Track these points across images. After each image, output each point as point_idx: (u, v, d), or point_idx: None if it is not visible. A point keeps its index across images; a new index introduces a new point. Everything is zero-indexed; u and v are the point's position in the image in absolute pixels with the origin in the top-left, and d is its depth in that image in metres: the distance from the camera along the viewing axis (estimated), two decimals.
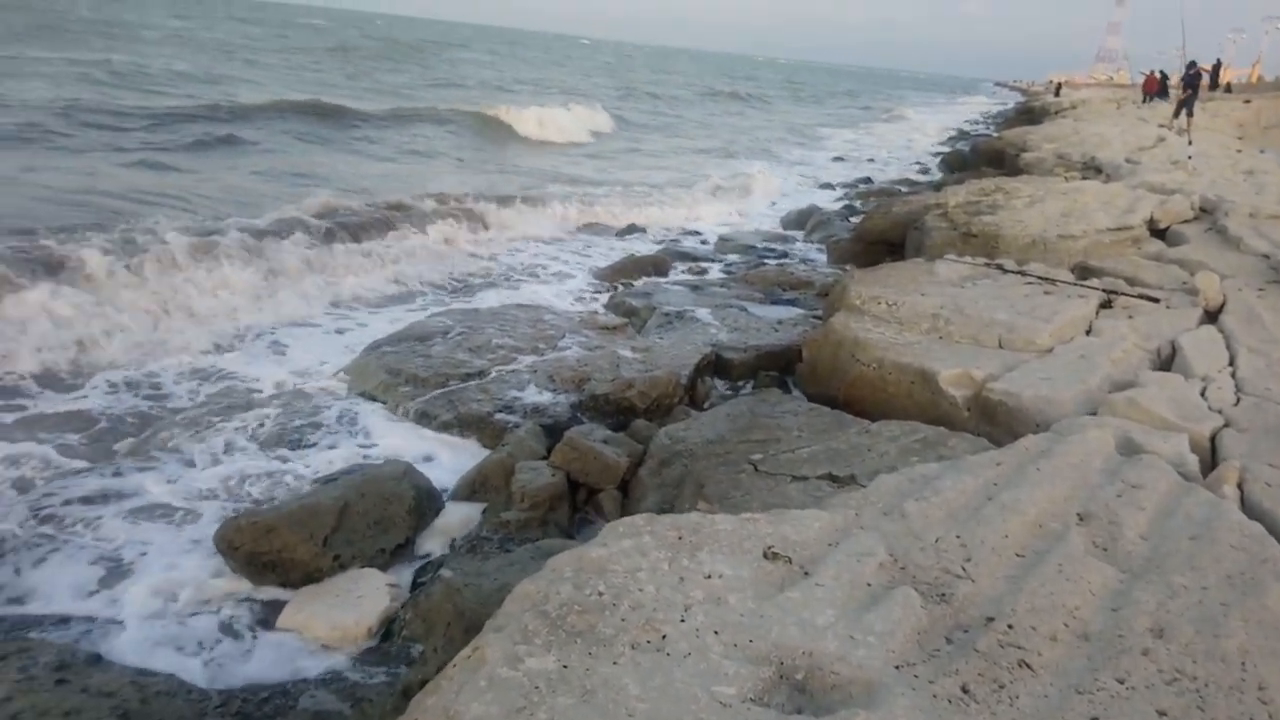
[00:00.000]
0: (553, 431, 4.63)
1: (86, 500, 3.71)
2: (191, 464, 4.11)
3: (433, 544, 3.67)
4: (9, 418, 4.52)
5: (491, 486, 4.10)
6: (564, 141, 20.75)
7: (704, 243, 10.56)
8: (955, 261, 5.79)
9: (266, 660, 2.83)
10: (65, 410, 4.70)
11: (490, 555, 3.38)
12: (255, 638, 2.93)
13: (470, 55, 55.05)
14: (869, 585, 2.03)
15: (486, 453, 4.69)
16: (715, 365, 5.55)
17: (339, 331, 6.67)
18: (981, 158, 16.72)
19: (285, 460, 4.30)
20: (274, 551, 3.18)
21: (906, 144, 28.62)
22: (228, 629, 2.96)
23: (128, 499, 3.77)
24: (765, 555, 2.12)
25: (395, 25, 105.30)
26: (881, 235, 8.50)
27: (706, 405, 4.98)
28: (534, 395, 5.22)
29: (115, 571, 3.24)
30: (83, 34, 31.87)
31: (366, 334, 6.43)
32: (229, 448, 4.35)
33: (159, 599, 3.09)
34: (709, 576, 2.02)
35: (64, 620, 2.95)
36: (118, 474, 3.96)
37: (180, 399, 5.05)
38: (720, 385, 5.38)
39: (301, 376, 5.54)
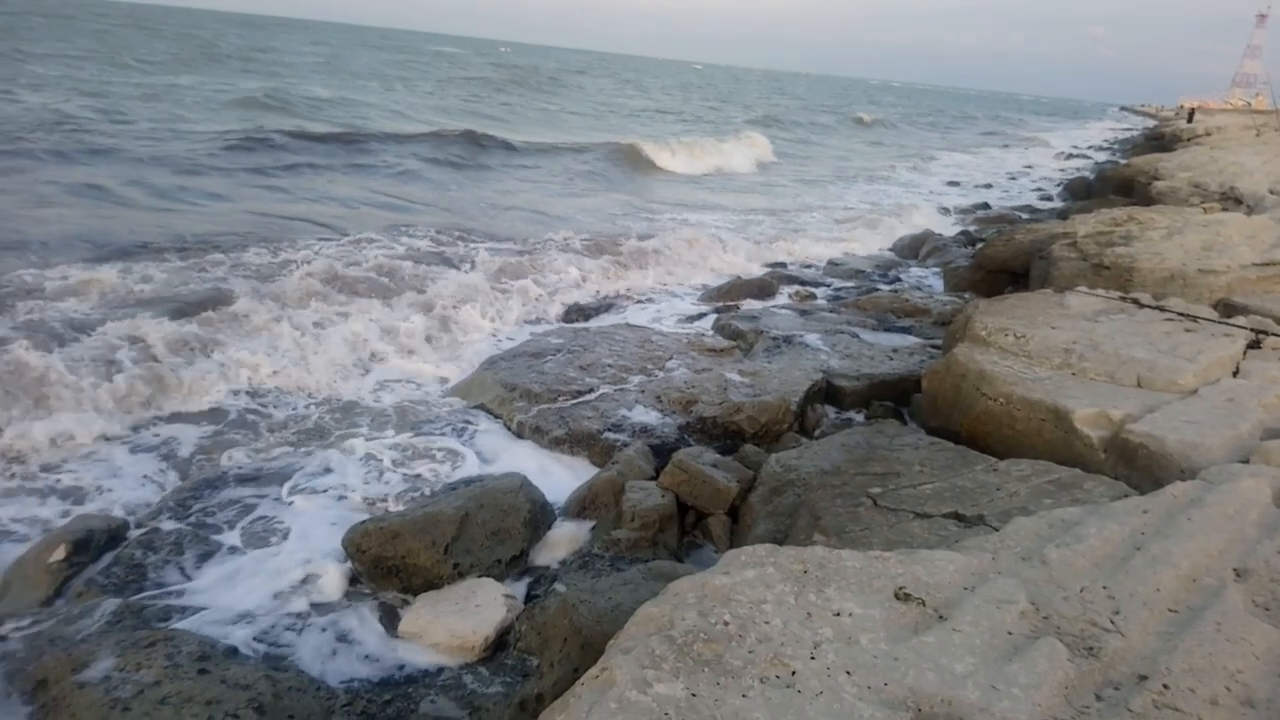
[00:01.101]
0: (660, 452, 4.64)
1: (232, 501, 3.93)
2: (327, 470, 4.30)
3: (546, 558, 3.72)
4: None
5: (601, 504, 4.13)
6: (734, 171, 20.82)
7: (806, 266, 10.41)
8: (1087, 294, 5.52)
9: (388, 663, 2.92)
10: (199, 410, 5.02)
11: (602, 573, 3.39)
12: (378, 640, 3.03)
13: (598, 83, 55.86)
14: (1010, 634, 1.94)
15: (595, 470, 4.75)
16: (826, 392, 5.45)
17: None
18: (1108, 185, 15.95)
19: (408, 468, 4.45)
20: (398, 557, 3.29)
21: (1025, 168, 27.62)
22: (353, 630, 3.07)
23: (266, 499, 3.97)
24: (897, 596, 2.05)
25: (519, 52, 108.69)
26: (1003, 264, 8.20)
27: (817, 433, 4.89)
28: (642, 415, 5.25)
29: (253, 568, 3.41)
30: (246, 63, 34.16)
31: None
32: (360, 454, 4.54)
33: (290, 597, 3.23)
34: (838, 614, 1.97)
35: (205, 612, 3.12)
36: (257, 477, 4.19)
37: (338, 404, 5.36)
38: (831, 413, 5.27)
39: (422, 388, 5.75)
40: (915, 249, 11.30)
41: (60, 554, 3.37)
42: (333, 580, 3.32)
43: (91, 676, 2.56)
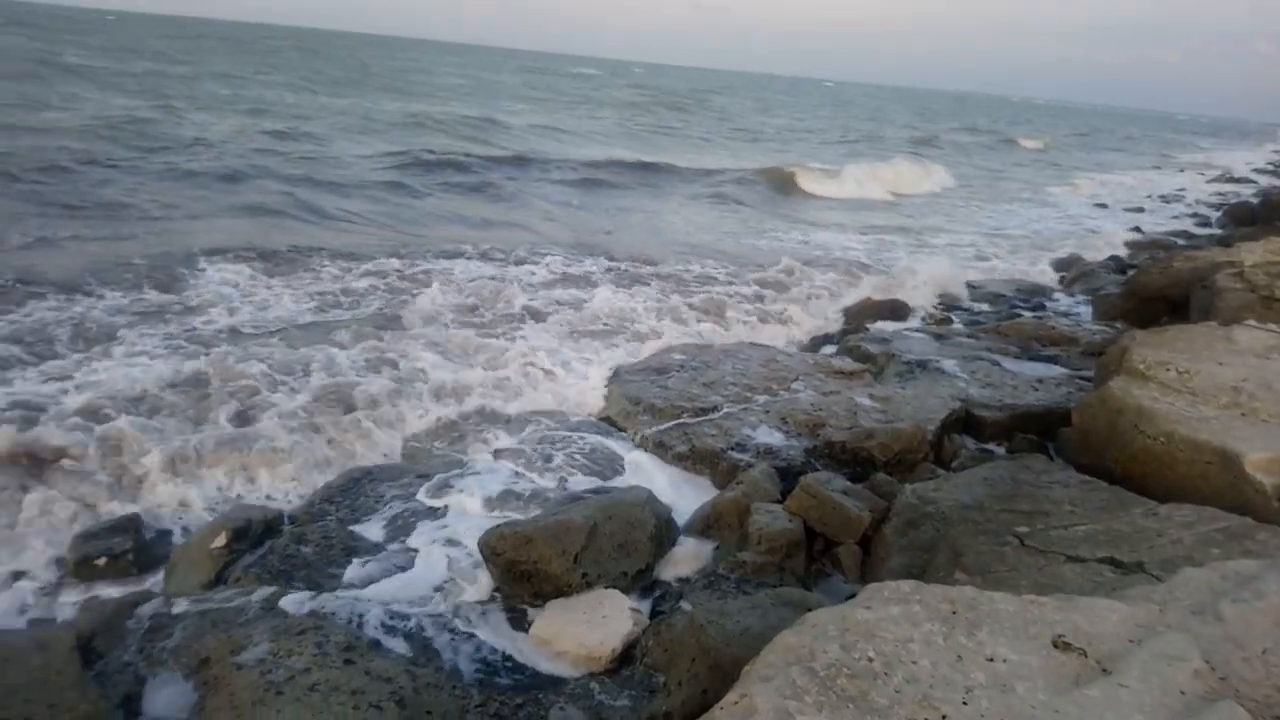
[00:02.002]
0: (786, 475, 4.56)
1: (378, 499, 4.14)
2: (466, 473, 4.46)
3: (670, 575, 3.72)
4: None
5: (725, 524, 4.10)
6: (917, 192, 20.49)
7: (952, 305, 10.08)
8: (1257, 328, 5.09)
9: (519, 667, 2.98)
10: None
11: (728, 594, 3.36)
12: (510, 643, 3.10)
13: (738, 103, 55.78)
14: (1183, 694, 1.79)
15: (716, 489, 4.72)
16: (965, 422, 5.24)
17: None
18: (1276, 211, 14.73)
19: (539, 475, 4.56)
20: (530, 562, 3.36)
21: (1178, 191, 25.86)
22: (486, 631, 3.16)
23: (408, 499, 4.16)
24: (1055, 644, 1.94)
25: (652, 73, 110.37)
26: (1159, 292, 7.68)
27: (955, 465, 4.69)
28: (766, 436, 5.18)
29: (394, 565, 3.57)
30: (400, 84, 36.16)
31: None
32: (496, 459, 4.69)
33: (428, 594, 3.36)
34: (991, 659, 1.87)
35: (350, 604, 3.27)
36: (401, 477, 4.39)
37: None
38: (970, 444, 5.06)
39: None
40: (1060, 273, 10.75)
41: (221, 540, 3.62)
42: (468, 581, 3.43)
43: (248, 659, 2.72)
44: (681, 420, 5.47)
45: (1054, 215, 18.88)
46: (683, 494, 4.66)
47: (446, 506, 4.11)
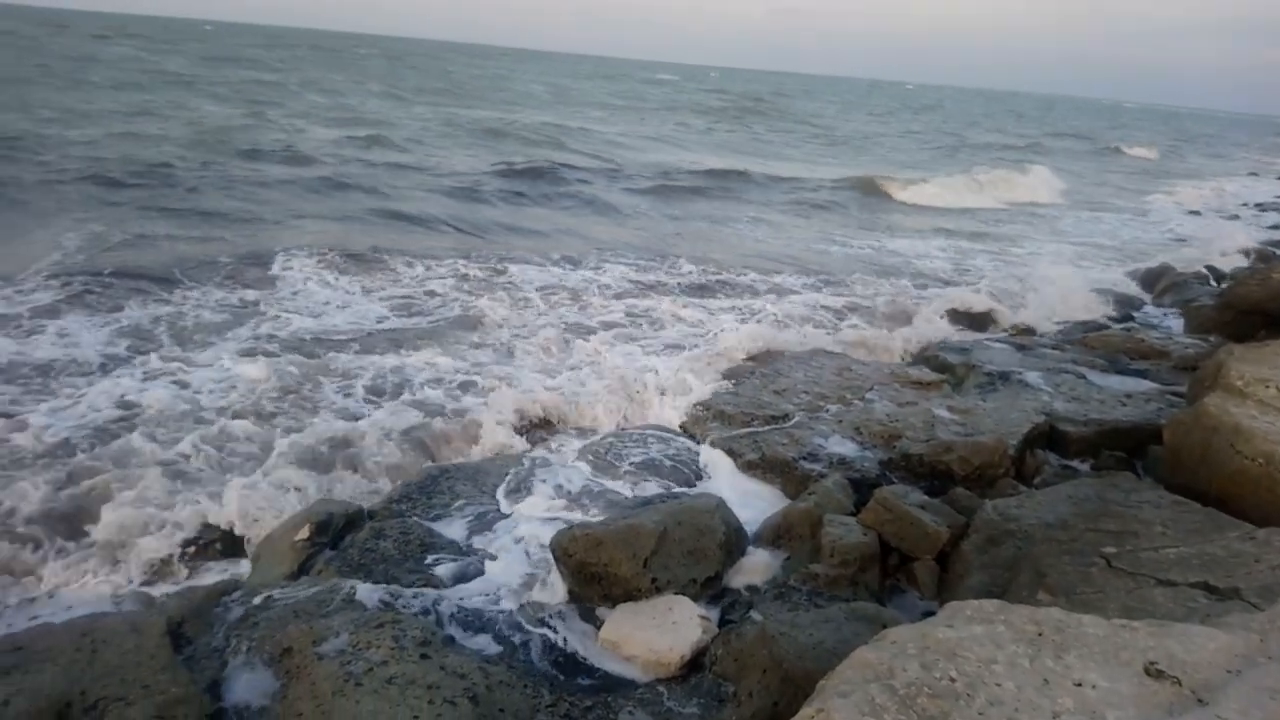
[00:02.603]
0: (859, 486, 4.49)
1: (455, 497, 4.23)
2: (539, 475, 4.52)
3: (739, 584, 3.69)
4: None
5: (796, 535, 4.05)
6: (1020, 201, 19.86)
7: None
8: None
9: (588, 668, 3.01)
10: None
11: (799, 606, 3.32)
12: (579, 645, 3.12)
13: (823, 107, 54.66)
14: None
15: (787, 498, 4.67)
16: (1048, 437, 5.07)
17: None
18: None
19: (610, 479, 4.59)
20: (600, 564, 3.37)
21: (1278, 199, 24.55)
22: (556, 631, 3.19)
23: (485, 499, 4.24)
24: (1147, 671, 1.86)
25: (730, 78, 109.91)
26: (1257, 305, 7.31)
27: (1037, 481, 4.54)
28: (839, 446, 5.11)
29: (468, 563, 3.64)
30: (481, 93, 36.85)
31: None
32: (569, 462, 4.74)
33: (500, 593, 3.42)
34: (1079, 684, 1.81)
35: (425, 600, 3.34)
36: (477, 476, 4.48)
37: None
38: (1053, 460, 4.89)
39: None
40: (1150, 284, 10.32)
41: (304, 533, 3.74)
42: (540, 580, 3.47)
43: (328, 650, 2.80)
44: (752, 428, 5.43)
45: (1146, 223, 18.14)
46: (752, 503, 4.62)
47: (520, 507, 4.17)
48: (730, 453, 5.08)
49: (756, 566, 3.83)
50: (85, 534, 3.90)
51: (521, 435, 5.41)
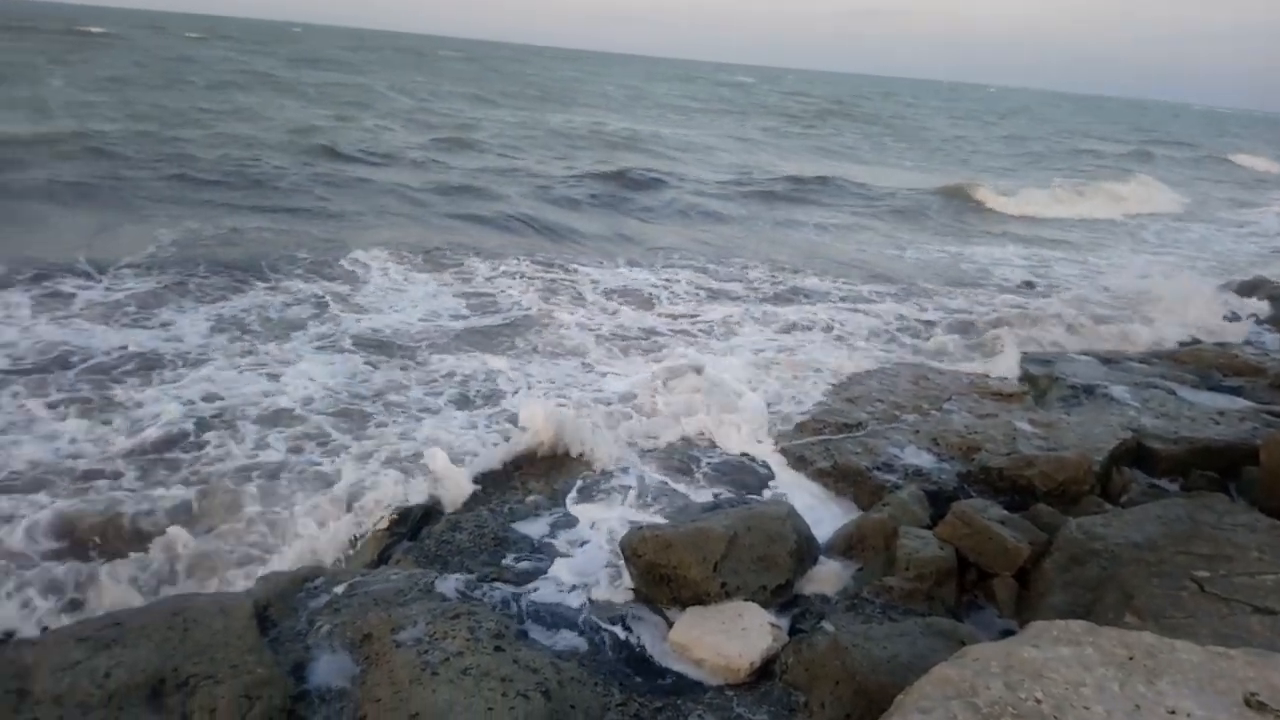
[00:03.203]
0: (936, 499, 4.40)
1: (529, 495, 4.30)
2: (611, 475, 4.56)
3: (810, 593, 3.66)
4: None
5: (869, 546, 3.99)
6: (1138, 213, 18.97)
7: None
8: None
9: (657, 670, 3.02)
10: None
11: (873, 619, 3.27)
12: (649, 645, 3.14)
13: (906, 109, 53.18)
14: None
15: (859, 508, 4.61)
16: (1135, 454, 4.88)
17: None
18: None
19: (680, 481, 4.60)
20: (670, 566, 3.38)
21: None
22: (626, 632, 3.21)
23: (557, 497, 4.30)
24: (1247, 702, 1.78)
25: (806, 80, 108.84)
26: None
27: (1124, 500, 4.38)
28: (915, 457, 5.02)
29: (540, 559, 3.69)
30: (559, 97, 37.12)
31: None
32: (641, 462, 4.78)
33: (572, 590, 3.46)
34: (1173, 712, 1.74)
35: (498, 593, 3.40)
36: (548, 474, 4.54)
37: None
38: (1141, 478, 4.71)
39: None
40: (1245, 296, 9.83)
41: (384, 523, 3.85)
42: (611, 579, 3.50)
43: (406, 638, 2.88)
44: (823, 435, 5.38)
45: (1251, 235, 17.27)
46: (822, 511, 4.58)
47: (591, 507, 4.21)
48: (801, 460, 5.04)
49: (828, 576, 3.78)
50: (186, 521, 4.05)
51: (592, 437, 5.45)
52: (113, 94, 20.98)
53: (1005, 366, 6.67)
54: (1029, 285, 10.85)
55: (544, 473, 4.62)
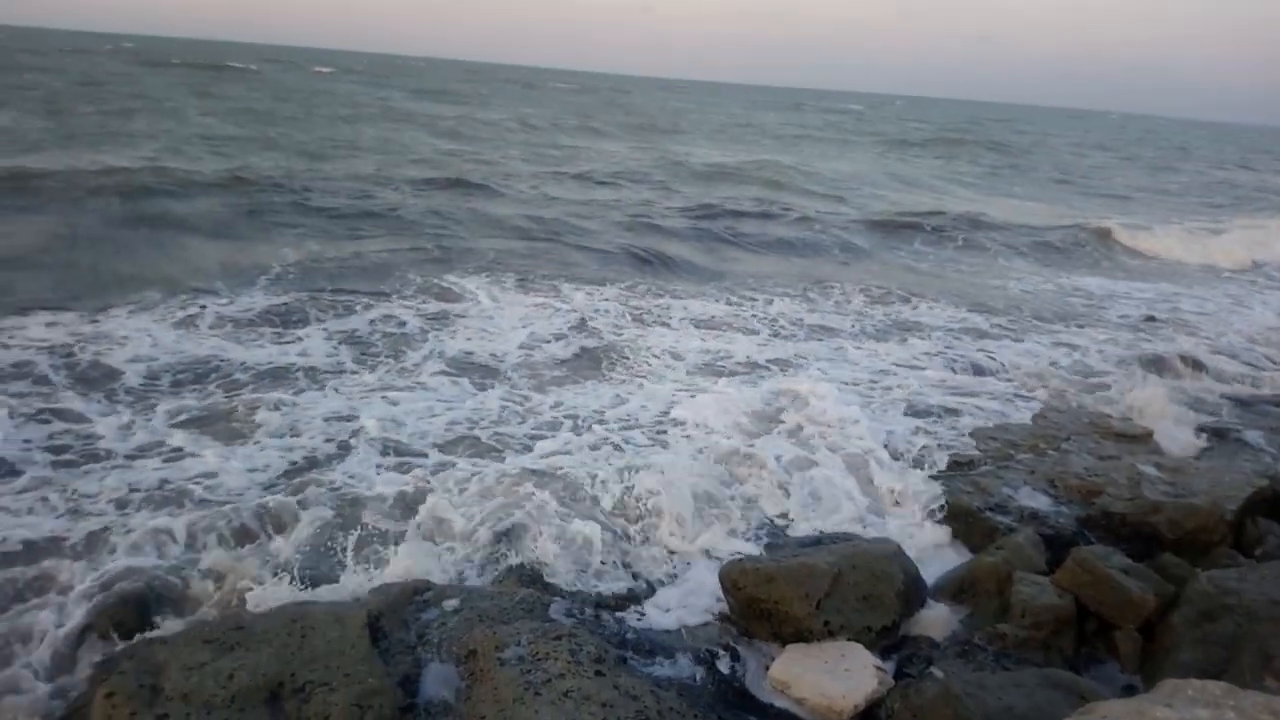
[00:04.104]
0: (1053, 544, 4.22)
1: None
2: (715, 503, 4.54)
3: (917, 636, 3.54)
4: None
5: (981, 591, 3.85)
6: None
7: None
8: None
9: (757, 706, 2.99)
10: None
11: (985, 667, 3.14)
12: (749, 680, 3.11)
13: (1029, 140, 49.74)
14: None
15: (969, 550, 4.45)
16: (1272, 504, 4.55)
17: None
18: None
19: (779, 514, 4.55)
20: (771, 601, 3.34)
21: None
22: (726, 664, 3.18)
23: None
24: None
25: (915, 107, 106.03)
26: None
27: (1259, 553, 4.09)
28: (1030, 498, 4.83)
29: (644, 584, 3.71)
30: (668, 128, 36.94)
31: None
32: (743, 486, 4.77)
33: (671, 618, 3.46)
34: None
35: (603, 616, 3.43)
36: None
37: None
38: (1278, 530, 4.38)
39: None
40: None
41: (486, 541, 3.93)
42: (711, 610, 3.48)
43: (509, 656, 2.93)
44: (933, 472, 5.22)
45: None
46: (929, 552, 4.44)
47: (691, 534, 4.20)
48: (907, 496, 4.90)
49: (936, 620, 3.66)
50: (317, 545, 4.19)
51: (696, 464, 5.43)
52: (251, 127, 22.37)
53: (1150, 410, 6.22)
54: (1151, 320, 10.26)
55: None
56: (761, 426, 5.79)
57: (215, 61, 57.02)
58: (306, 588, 3.56)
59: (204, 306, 7.66)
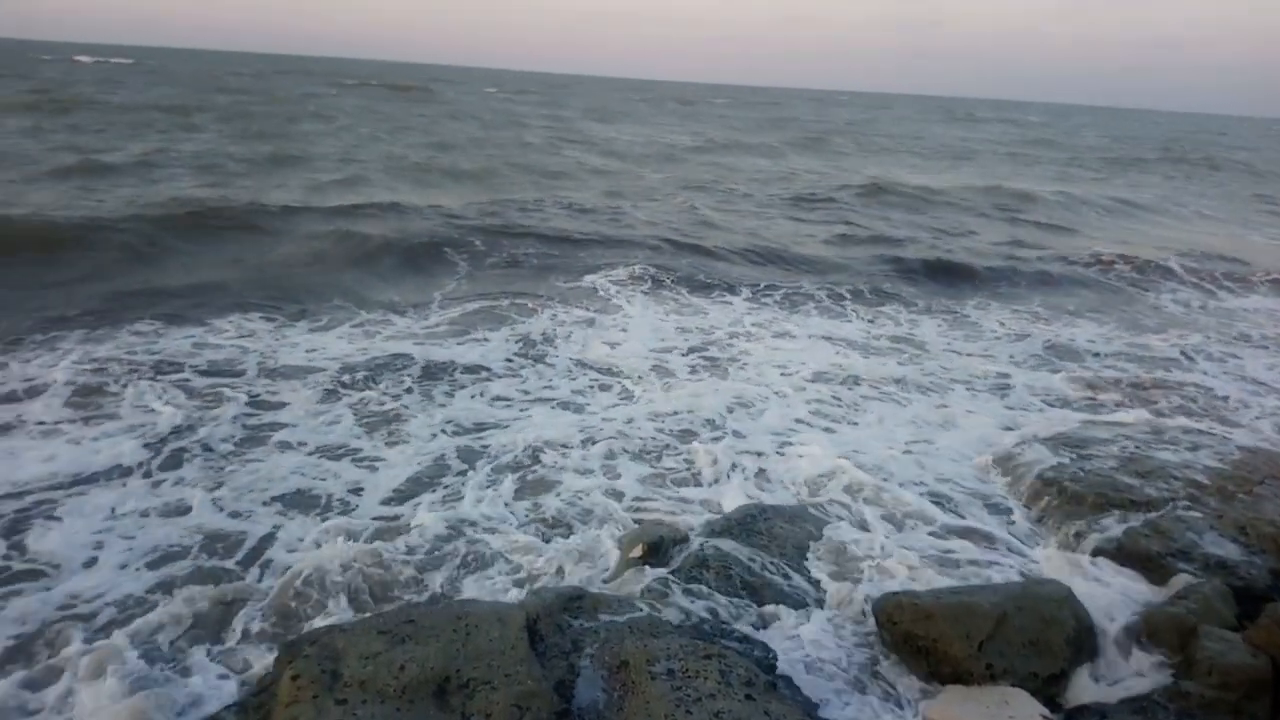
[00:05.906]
0: (1243, 597, 3.87)
1: (774, 536, 4.30)
2: (858, 524, 4.45)
3: (1087, 686, 3.32)
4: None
5: (1161, 644, 3.57)
6: None
7: None
8: None
9: None
10: None
11: None
12: (901, 717, 3.01)
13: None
14: None
15: (1143, 595, 4.13)
16: None
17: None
18: None
19: (933, 545, 4.39)
20: (929, 639, 3.23)
21: None
22: (878, 697, 3.10)
23: (806, 544, 4.27)
24: None
25: (1094, 117, 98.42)
26: None
27: None
28: (1217, 546, 4.44)
29: (792, 606, 3.67)
30: (823, 145, 35.58)
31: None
32: (886, 516, 4.61)
33: (819, 646, 3.39)
34: None
35: (743, 636, 3.42)
36: (794, 519, 4.53)
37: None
38: None
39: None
40: None
41: (639, 552, 4.00)
42: (860, 639, 3.40)
43: (660, 670, 2.96)
44: (1105, 513, 4.88)
45: None
46: (1103, 598, 4.14)
47: (839, 557, 4.12)
48: (1077, 536, 4.62)
49: (1109, 672, 3.43)
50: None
51: (833, 483, 5.32)
52: (438, 150, 23.02)
53: None
54: None
55: (790, 517, 4.57)
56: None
57: (390, 81, 60.24)
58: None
59: (388, 317, 8.27)
